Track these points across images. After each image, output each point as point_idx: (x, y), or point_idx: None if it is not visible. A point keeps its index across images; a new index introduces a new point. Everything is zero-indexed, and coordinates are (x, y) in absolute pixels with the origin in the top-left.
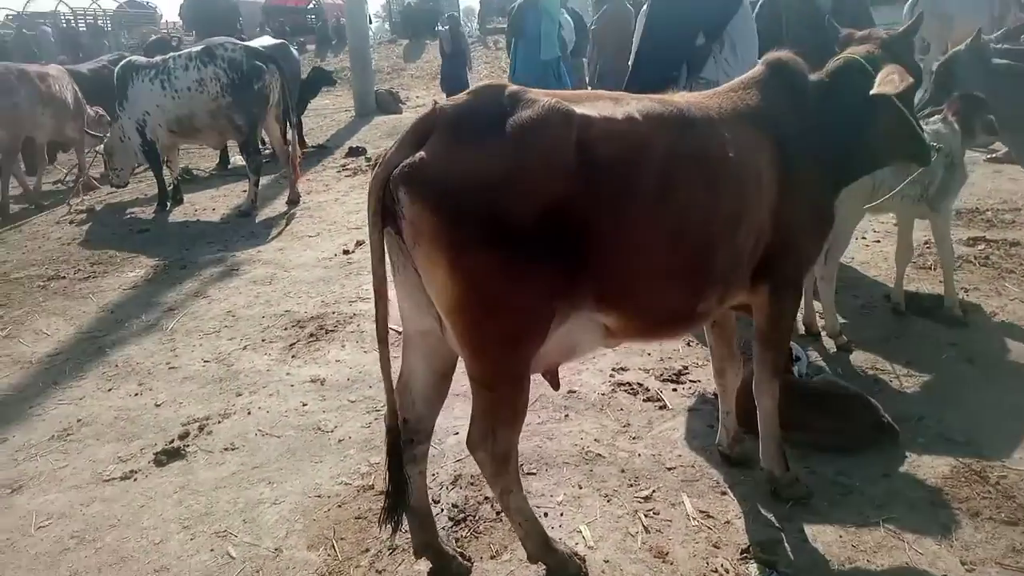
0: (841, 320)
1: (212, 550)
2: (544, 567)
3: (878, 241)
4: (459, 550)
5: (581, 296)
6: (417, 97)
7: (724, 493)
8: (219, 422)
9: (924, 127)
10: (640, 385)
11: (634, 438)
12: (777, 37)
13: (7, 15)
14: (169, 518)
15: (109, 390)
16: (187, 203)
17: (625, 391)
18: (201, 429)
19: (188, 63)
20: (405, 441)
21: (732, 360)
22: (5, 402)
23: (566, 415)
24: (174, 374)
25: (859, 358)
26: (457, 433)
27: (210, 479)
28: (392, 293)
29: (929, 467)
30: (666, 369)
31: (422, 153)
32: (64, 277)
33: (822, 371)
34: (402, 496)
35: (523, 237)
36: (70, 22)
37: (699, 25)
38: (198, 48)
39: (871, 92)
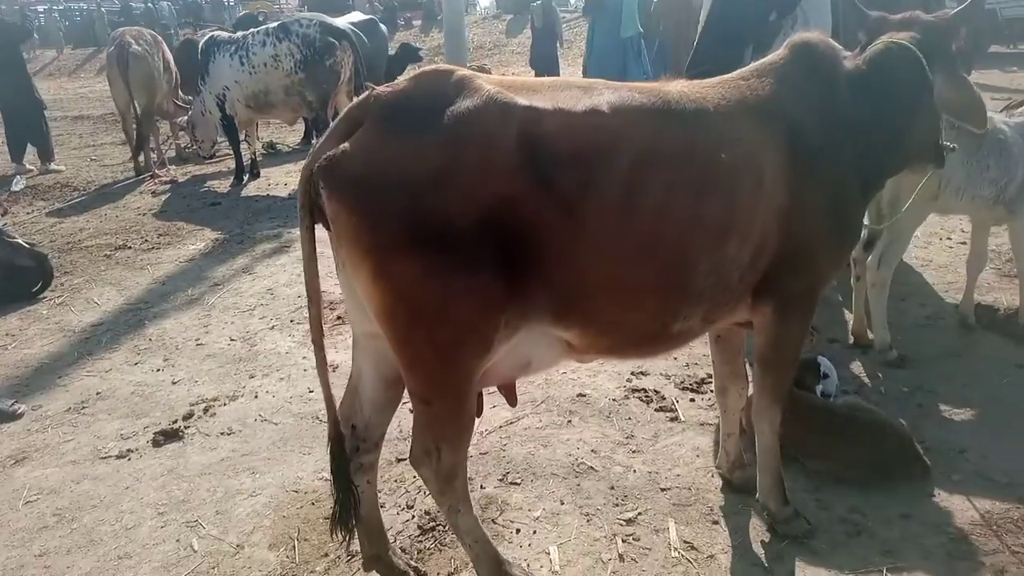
0: (900, 332)
1: (178, 540)
2: None
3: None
4: (413, 564)
5: (534, 308)
6: (513, 73)
7: (716, 523)
8: (225, 404)
9: (1007, 119)
10: (656, 392)
11: (634, 451)
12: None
13: None
14: (148, 502)
15: (135, 364)
16: (263, 177)
17: (639, 398)
18: (206, 411)
19: (265, 39)
20: (352, 448)
21: (736, 378)
22: (40, 370)
23: (569, 421)
24: (199, 351)
25: (909, 376)
26: None
27: (198, 464)
28: None
29: (958, 510)
30: (688, 376)
31: (346, 145)
32: (130, 247)
33: (862, 389)
34: (349, 506)
35: (456, 242)
36: None
37: (774, 1)
38: (274, 24)
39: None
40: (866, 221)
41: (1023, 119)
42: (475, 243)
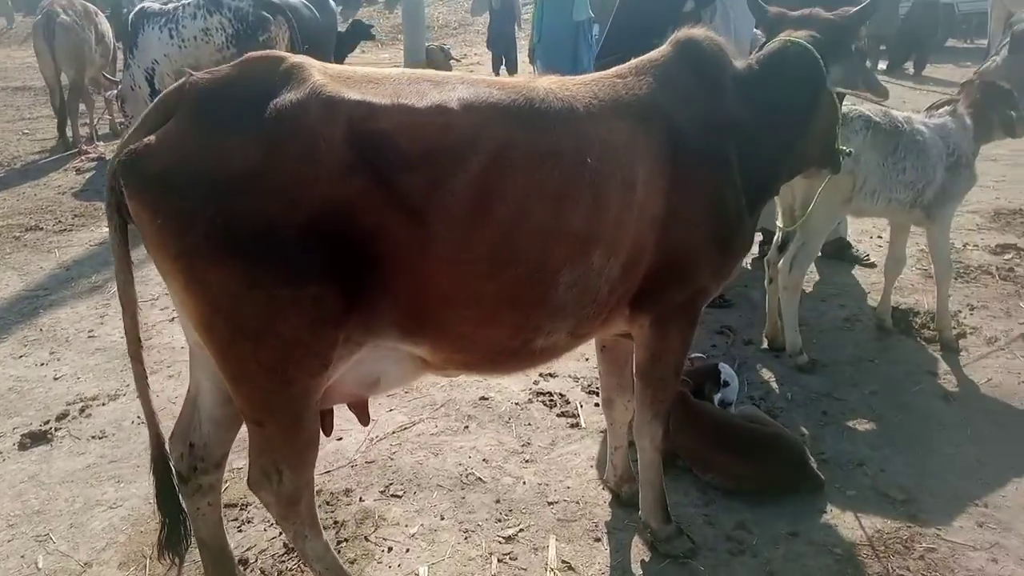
0: (817, 334)
1: (23, 556)
2: None
3: None
4: None
5: (379, 322)
6: (476, 54)
7: (598, 540)
8: (103, 404)
9: (927, 120)
10: (561, 396)
11: (527, 461)
12: None
13: None
14: (1, 513)
15: (20, 356)
16: None
17: (543, 402)
18: (82, 411)
19: (196, 11)
20: (189, 468)
21: (622, 390)
22: None
23: (466, 427)
24: (89, 344)
25: (819, 382)
26: (340, 439)
27: (62, 471)
28: None
29: (848, 528)
30: (597, 379)
31: (152, 138)
32: (42, 228)
33: (770, 395)
34: (177, 531)
35: (278, 249)
36: None
37: None
38: None
39: (832, 86)
40: (779, 223)
41: (943, 120)
42: (301, 251)
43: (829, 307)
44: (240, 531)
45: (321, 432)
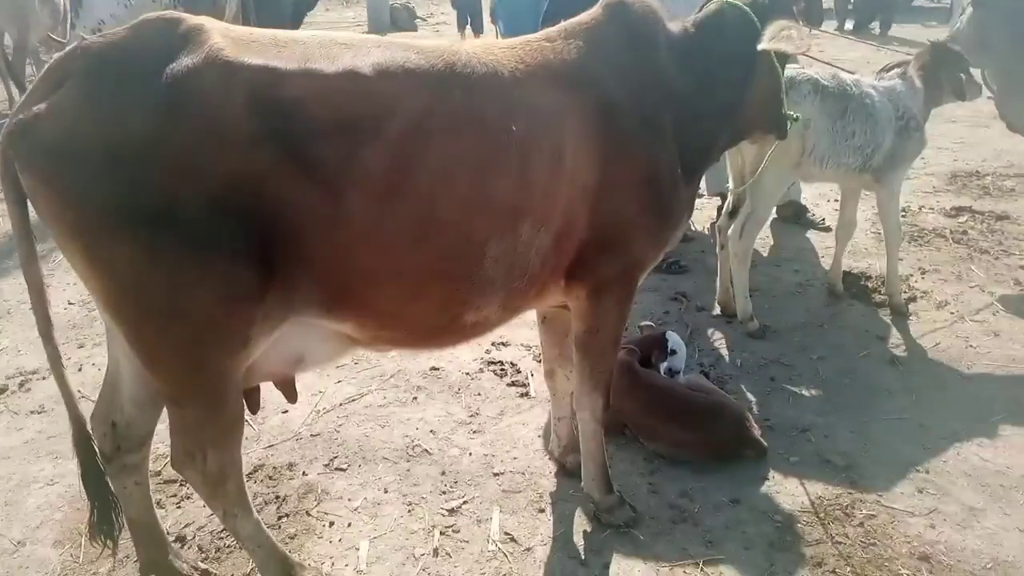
0: (769, 299)
1: None
2: None
3: None
4: (202, 567)
5: (299, 299)
6: (442, 13)
7: (542, 511)
8: (44, 378)
9: (876, 83)
10: (512, 365)
11: (475, 432)
12: None
13: None
14: None
15: None
16: None
17: (494, 371)
18: (21, 385)
19: None
20: (112, 448)
21: (564, 361)
22: None
23: (415, 398)
24: (31, 316)
25: (768, 348)
26: (286, 411)
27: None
28: None
29: (789, 495)
30: None
31: (43, 105)
32: None
33: (719, 362)
34: (107, 513)
35: (182, 224)
36: None
37: None
38: None
39: (760, 46)
40: (730, 186)
41: (892, 83)
42: (207, 225)
43: (783, 272)
44: (179, 507)
45: (269, 405)
